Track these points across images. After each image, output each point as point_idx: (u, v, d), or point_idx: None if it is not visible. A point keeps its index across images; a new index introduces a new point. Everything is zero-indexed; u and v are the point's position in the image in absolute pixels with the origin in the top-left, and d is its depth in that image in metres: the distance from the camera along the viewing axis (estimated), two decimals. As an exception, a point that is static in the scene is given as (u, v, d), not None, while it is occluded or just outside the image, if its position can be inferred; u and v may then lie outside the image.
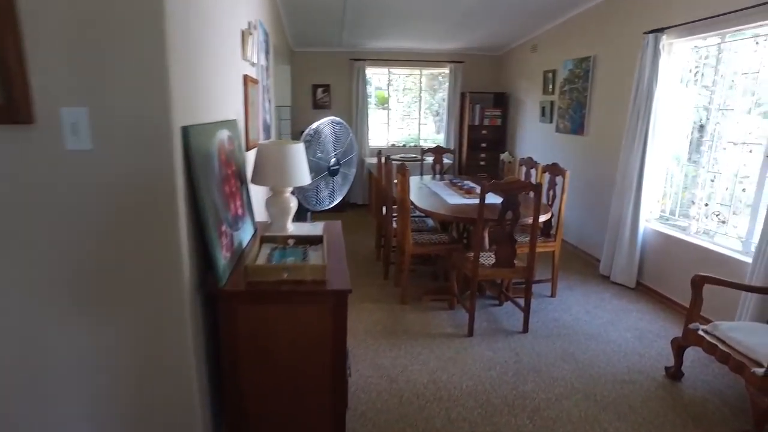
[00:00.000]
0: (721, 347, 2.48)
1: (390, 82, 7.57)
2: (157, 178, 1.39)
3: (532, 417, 2.47)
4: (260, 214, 2.67)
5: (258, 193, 2.63)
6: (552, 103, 5.73)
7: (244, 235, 2.07)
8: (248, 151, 2.75)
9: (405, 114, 7.79)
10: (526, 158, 4.53)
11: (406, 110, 7.78)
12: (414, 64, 7.36)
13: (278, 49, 5.30)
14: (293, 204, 2.30)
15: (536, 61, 6.16)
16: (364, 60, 7.07)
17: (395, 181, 4.13)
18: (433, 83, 7.77)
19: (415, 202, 3.91)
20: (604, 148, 4.73)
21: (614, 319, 3.62)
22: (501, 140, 7.26)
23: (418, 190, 4.47)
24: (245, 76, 2.71)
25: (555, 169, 4.00)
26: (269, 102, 3.93)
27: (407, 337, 3.31)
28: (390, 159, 4.37)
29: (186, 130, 1.48)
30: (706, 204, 3.68)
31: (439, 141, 7.69)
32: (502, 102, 7.15)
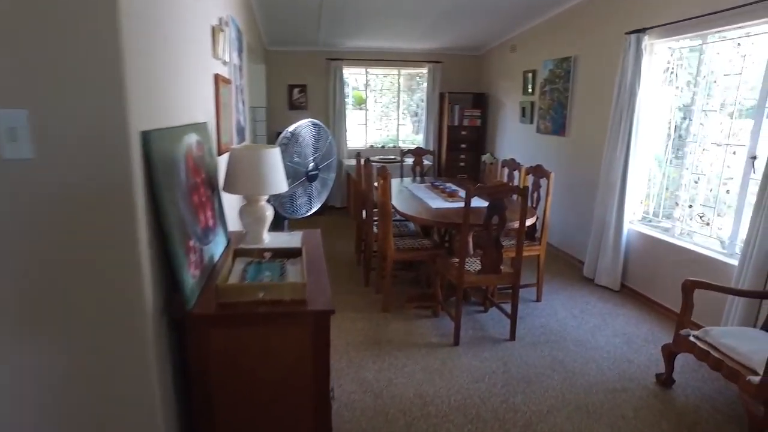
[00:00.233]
0: (713, 354, 2.42)
1: (367, 82, 7.43)
2: (112, 189, 1.23)
3: (524, 432, 2.37)
4: (234, 221, 2.50)
5: (231, 200, 2.46)
6: (532, 103, 5.67)
7: (216, 248, 1.91)
8: (220, 156, 2.58)
9: (383, 114, 7.66)
10: (508, 160, 4.44)
11: (384, 111, 7.65)
12: (392, 64, 7.23)
13: (252, 47, 5.10)
14: (269, 213, 2.14)
15: (516, 61, 6.10)
16: (341, 60, 6.92)
17: (375, 184, 4.00)
18: (411, 83, 7.66)
19: (397, 206, 3.78)
20: (586, 149, 4.69)
21: (601, 323, 3.55)
22: (481, 141, 7.20)
23: (398, 194, 4.34)
24: (216, 76, 2.54)
25: (539, 171, 3.92)
26: (243, 103, 3.75)
27: (391, 348, 3.17)
28: (369, 161, 4.23)
29: (146, 135, 1.31)
30: (690, 205, 3.65)
31: (418, 142, 7.58)
32: (482, 102, 7.08)
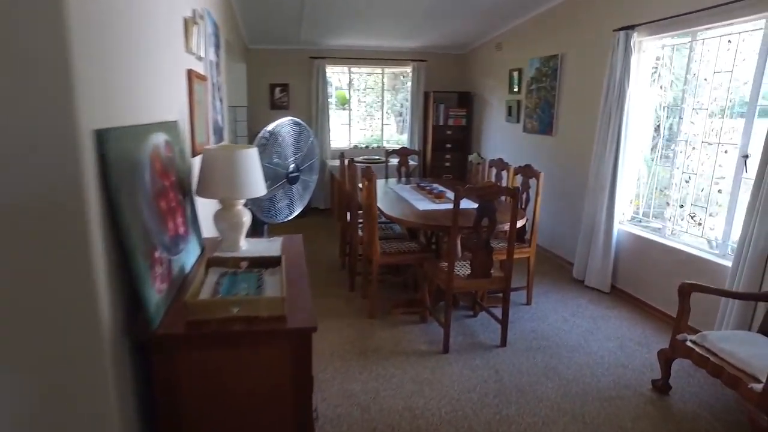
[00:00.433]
0: (712, 360, 2.33)
1: (351, 81, 7.28)
2: (59, 196, 1.07)
3: (519, 446, 2.25)
4: (209, 227, 2.34)
5: (206, 204, 2.30)
6: (519, 102, 5.59)
7: (188, 257, 1.75)
8: (195, 158, 2.42)
9: (367, 114, 7.52)
10: (496, 160, 4.34)
11: (368, 110, 7.51)
12: (375, 63, 7.10)
13: (232, 45, 4.93)
14: (246, 218, 2.00)
15: (501, 59, 6.01)
16: (324, 58, 6.76)
17: (360, 185, 3.86)
18: (395, 83, 7.54)
19: (382, 208, 3.65)
20: (575, 148, 4.61)
21: (593, 327, 3.46)
22: (466, 140, 7.10)
23: (384, 195, 4.21)
24: (190, 71, 2.37)
25: (528, 171, 3.83)
26: (221, 101, 3.58)
27: (378, 357, 3.04)
28: (354, 162, 4.09)
29: (102, 135, 1.16)
30: (681, 205, 3.59)
31: (403, 141, 7.46)
32: (467, 102, 6.99)
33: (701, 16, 3.23)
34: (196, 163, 2.35)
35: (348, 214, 4.28)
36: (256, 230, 2.51)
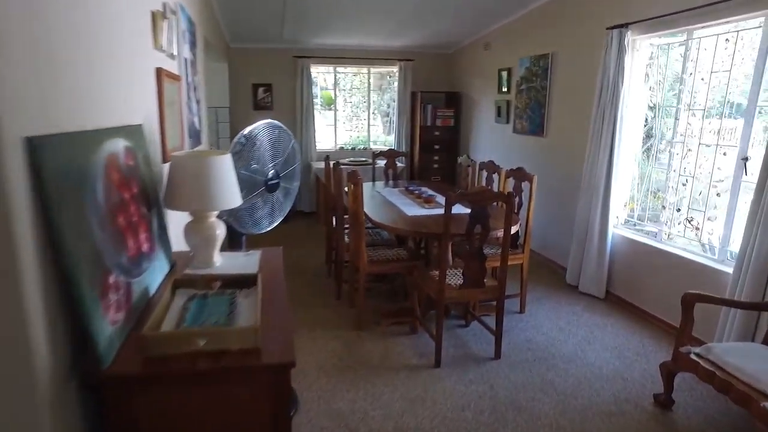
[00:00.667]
0: (719, 375, 2.20)
1: (336, 81, 7.10)
2: (-19, 218, 0.89)
3: (518, 471, 2.10)
4: (182, 239, 2.15)
5: (178, 214, 2.11)
6: (508, 102, 5.47)
7: (153, 277, 1.57)
8: (166, 164, 2.23)
9: (353, 115, 7.34)
10: (486, 162, 4.20)
11: (354, 111, 7.33)
12: (361, 62, 6.93)
13: (212, 44, 4.72)
14: (220, 231, 1.82)
15: (490, 59, 5.88)
16: (309, 57, 6.57)
17: (346, 189, 3.69)
18: (381, 83, 7.37)
19: (369, 213, 3.48)
20: (566, 150, 4.50)
21: (589, 336, 3.34)
22: (454, 142, 6.97)
23: (371, 199, 4.04)
24: (159, 70, 2.18)
25: (520, 174, 3.69)
26: (198, 103, 3.38)
27: (366, 372, 2.87)
28: (339, 165, 3.92)
29: (36, 143, 0.98)
30: (677, 209, 3.48)
31: (390, 143, 7.30)
32: (455, 102, 6.85)
33: (698, 13, 3.12)
34: (168, 170, 2.16)
35: (333, 218, 4.11)
36: (233, 242, 2.32)
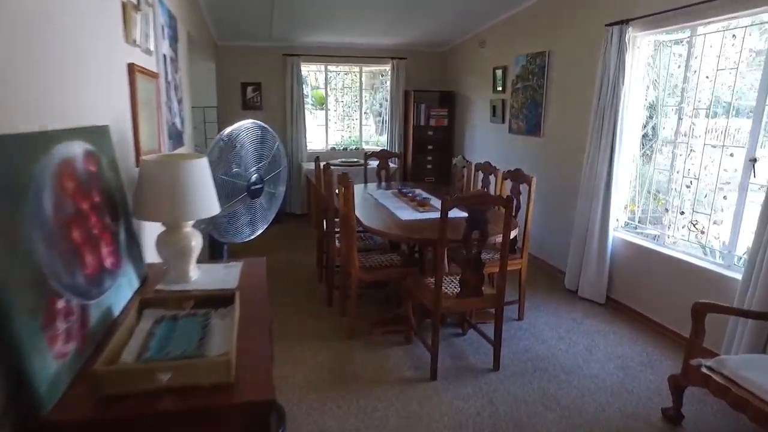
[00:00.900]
0: (734, 391, 2.07)
1: (327, 80, 6.94)
2: None
3: (521, 496, 1.96)
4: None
5: (154, 224, 1.94)
6: (503, 101, 5.33)
7: (118, 296, 1.40)
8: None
9: (345, 114, 7.18)
10: (483, 163, 4.06)
11: (345, 110, 7.17)
12: (353, 60, 6.77)
13: (197, 41, 4.54)
14: (196, 242, 1.65)
15: (485, 57, 5.74)
16: (299, 55, 6.40)
17: (337, 191, 3.54)
18: (374, 82, 7.21)
19: (361, 218, 3.32)
20: (564, 150, 4.36)
21: (591, 345, 3.20)
22: (448, 142, 6.82)
23: (362, 202, 3.89)
24: (132, 66, 2.02)
25: (518, 176, 3.55)
26: (180, 102, 3.21)
27: (358, 386, 2.72)
28: (330, 166, 3.76)
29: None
30: (681, 212, 3.36)
31: (382, 143, 7.15)
32: (449, 101, 6.70)
33: (703, 9, 2.99)
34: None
35: (324, 222, 3.95)
36: (215, 252, 2.16)
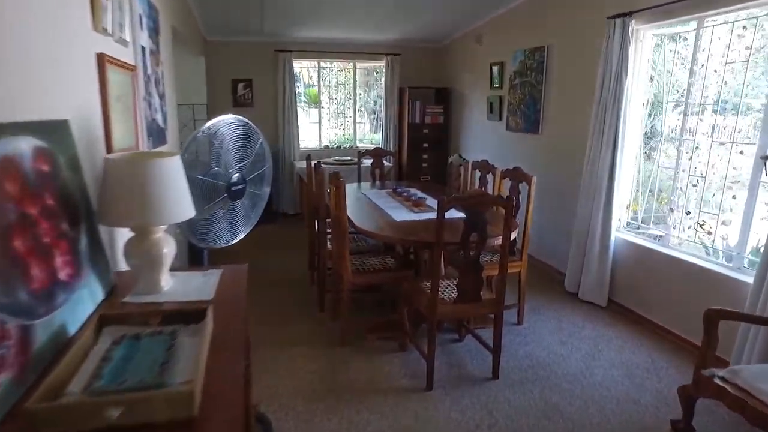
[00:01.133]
0: (751, 404, 1.94)
1: (321, 76, 6.77)
2: None
3: None
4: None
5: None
6: (501, 98, 5.19)
7: (75, 312, 1.25)
8: (112, 166, 1.90)
9: (338, 112, 7.02)
10: (480, 162, 3.92)
11: (339, 108, 7.01)
12: (346, 56, 6.61)
13: (185, 35, 4.38)
14: (168, 248, 1.50)
15: (482, 52, 5.60)
16: (291, 51, 6.23)
17: (328, 191, 3.39)
18: (368, 79, 7.05)
19: (353, 218, 3.18)
20: (564, 148, 4.23)
21: (593, 350, 3.07)
22: (444, 140, 6.68)
23: (356, 202, 3.74)
24: (102, 57, 1.86)
25: (517, 175, 3.41)
26: (162, 98, 3.05)
27: (351, 397, 2.57)
28: (321, 165, 3.62)
29: None
30: (687, 212, 3.23)
31: (377, 141, 7.00)
32: (445, 98, 6.56)
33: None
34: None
35: (316, 223, 3.80)
36: (195, 257, 2.01)
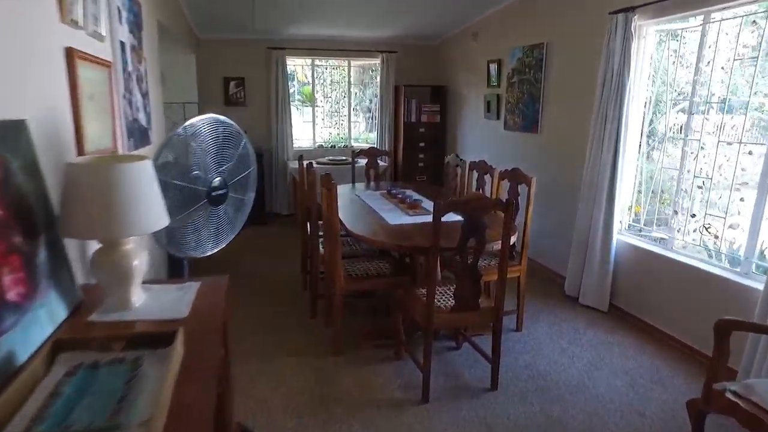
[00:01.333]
0: None
1: (314, 74, 6.63)
2: None
3: None
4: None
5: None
6: (498, 96, 5.07)
7: (26, 336, 1.12)
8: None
9: (333, 111, 6.88)
10: (478, 162, 3.80)
11: (334, 107, 6.87)
12: (341, 54, 6.47)
13: (173, 32, 4.24)
14: (139, 261, 1.37)
15: (478, 50, 5.48)
16: (284, 49, 6.09)
17: (320, 192, 3.26)
18: (363, 77, 6.91)
19: (346, 221, 3.05)
20: (564, 147, 4.11)
21: (595, 359, 2.96)
22: (441, 139, 6.55)
23: (349, 204, 3.61)
24: (71, 51, 1.72)
25: (516, 176, 3.29)
26: (145, 96, 2.91)
27: (343, 410, 2.45)
28: (312, 166, 3.49)
29: None
30: (692, 215, 3.11)
31: (372, 140, 6.87)
32: (441, 96, 6.44)
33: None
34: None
35: (308, 225, 3.67)
36: (175, 267, 1.88)
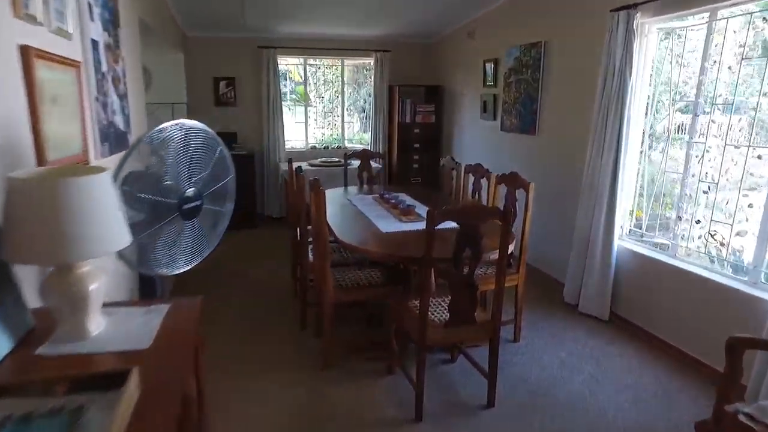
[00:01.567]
0: (783, 449, 1.71)
1: (306, 74, 6.48)
2: None
3: None
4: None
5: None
6: (495, 96, 4.93)
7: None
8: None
9: (327, 111, 6.73)
10: (474, 165, 3.66)
11: (327, 107, 6.72)
12: (334, 53, 6.33)
13: (161, 31, 4.09)
14: (96, 284, 1.23)
15: (474, 48, 5.34)
16: (275, 47, 5.94)
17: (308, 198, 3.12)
18: (357, 76, 6.77)
19: (337, 229, 2.91)
20: (563, 149, 3.98)
21: (597, 372, 2.83)
22: (436, 140, 6.42)
23: (340, 210, 3.47)
24: (27, 49, 1.57)
25: (514, 181, 3.15)
26: (122, 98, 2.76)
27: (332, 430, 2.31)
28: (301, 170, 3.35)
29: None
30: (697, 221, 2.99)
31: (366, 141, 6.72)
32: (436, 96, 6.30)
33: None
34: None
35: (298, 231, 3.53)
36: (147, 285, 1.73)
